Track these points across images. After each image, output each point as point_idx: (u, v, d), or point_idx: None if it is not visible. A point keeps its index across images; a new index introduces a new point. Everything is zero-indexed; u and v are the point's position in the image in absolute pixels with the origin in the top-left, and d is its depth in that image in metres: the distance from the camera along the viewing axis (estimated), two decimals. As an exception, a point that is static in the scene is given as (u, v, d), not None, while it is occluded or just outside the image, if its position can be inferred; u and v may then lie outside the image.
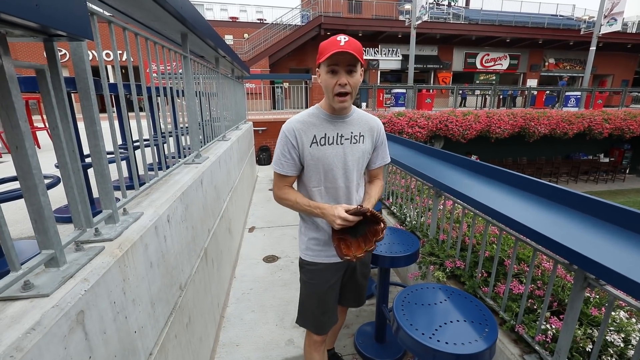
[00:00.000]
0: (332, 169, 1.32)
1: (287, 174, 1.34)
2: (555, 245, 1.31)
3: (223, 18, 17.37)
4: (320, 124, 1.30)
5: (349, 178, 1.36)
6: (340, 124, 1.32)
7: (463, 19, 17.50)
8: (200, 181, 2.01)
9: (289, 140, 1.30)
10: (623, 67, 21.18)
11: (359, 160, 1.37)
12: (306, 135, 1.29)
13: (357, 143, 1.34)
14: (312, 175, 1.34)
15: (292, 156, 1.31)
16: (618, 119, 11.02)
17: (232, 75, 4.72)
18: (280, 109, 14.74)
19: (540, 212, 1.58)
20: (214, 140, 3.07)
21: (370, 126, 1.39)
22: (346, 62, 1.16)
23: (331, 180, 1.34)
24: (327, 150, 1.30)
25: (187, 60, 2.17)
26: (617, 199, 11.51)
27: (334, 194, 1.36)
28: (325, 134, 1.30)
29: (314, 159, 1.30)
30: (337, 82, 1.18)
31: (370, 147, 1.40)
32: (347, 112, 1.32)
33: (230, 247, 3.04)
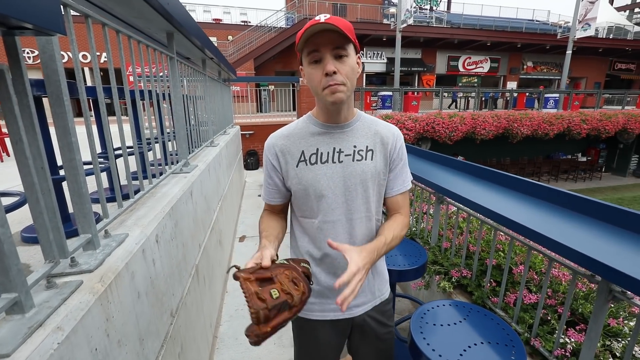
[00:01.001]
0: (327, 196, 0.97)
1: (270, 202, 1.06)
2: (575, 255, 1.23)
3: (206, 20, 17.04)
4: (310, 137, 0.98)
5: (351, 208, 0.98)
6: (338, 135, 0.98)
7: (445, 23, 17.80)
8: (190, 192, 1.85)
9: (269, 161, 1.02)
10: (595, 70, 22.06)
11: (367, 183, 0.98)
12: (291, 152, 0.98)
13: (362, 160, 0.97)
14: (303, 203, 1.01)
15: (273, 181, 1.03)
16: (594, 119, 11.40)
17: (219, 77, 4.54)
18: (266, 112, 14.54)
19: (554, 219, 1.51)
20: (202, 146, 2.90)
21: (382, 136, 1.01)
22: (331, 43, 0.84)
23: (326, 210, 0.98)
24: (320, 170, 0.96)
25: (173, 61, 2.01)
26: (596, 196, 11.84)
27: (332, 230, 0.99)
28: (317, 149, 0.97)
29: (302, 182, 0.97)
30: (322, 72, 0.85)
31: (384, 166, 1.01)
32: (345, 115, 0.97)
33: (222, 260, 2.86)
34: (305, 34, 0.84)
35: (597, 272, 1.17)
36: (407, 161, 1.07)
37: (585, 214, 1.48)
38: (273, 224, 1.04)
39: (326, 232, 1.00)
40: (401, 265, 1.68)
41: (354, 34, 0.88)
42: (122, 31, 1.28)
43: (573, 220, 1.47)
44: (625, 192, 12.46)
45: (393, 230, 0.98)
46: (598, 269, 1.15)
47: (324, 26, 0.82)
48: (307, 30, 0.83)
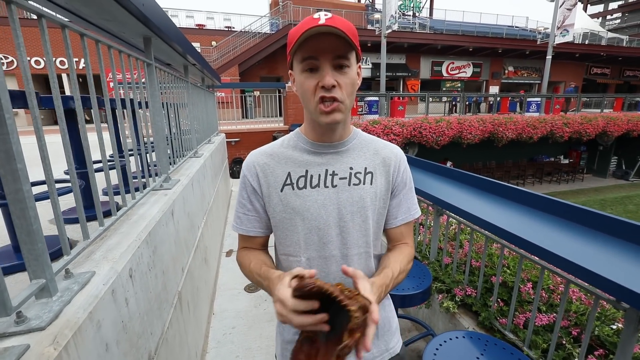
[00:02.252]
0: (318, 227, 0.81)
1: (249, 232, 0.87)
2: (599, 280, 1.12)
3: (189, 25, 16.75)
4: (299, 157, 0.83)
5: (347, 242, 0.82)
6: (331, 155, 0.83)
7: (428, 28, 18.08)
8: (171, 212, 1.67)
9: (248, 182, 0.85)
10: (573, 75, 22.85)
11: (366, 212, 0.82)
12: (274, 174, 0.83)
13: (360, 184, 0.83)
14: (287, 237, 0.83)
15: (253, 206, 0.86)
16: (576, 123, 11.70)
17: (202, 84, 4.36)
18: (251, 118, 14.32)
19: (569, 237, 1.41)
20: (185, 157, 2.72)
21: (384, 157, 0.86)
22: (332, 50, 0.70)
23: (317, 245, 0.82)
24: (309, 196, 0.81)
25: (151, 68, 1.84)
26: (579, 198, 12.18)
27: (324, 269, 0.83)
28: (306, 171, 0.82)
29: (288, 210, 0.81)
30: (317, 83, 0.72)
31: (386, 192, 0.86)
32: (341, 134, 0.83)
33: (208, 279, 2.67)
34: (301, 38, 0.69)
35: (625, 300, 1.06)
36: (412, 186, 0.92)
37: (604, 231, 1.39)
38: (262, 256, 0.88)
39: (318, 271, 0.79)
40: (404, 289, 1.55)
41: (357, 39, 0.74)
42: (88, 35, 1.11)
43: (590, 238, 1.37)
44: (607, 194, 12.80)
45: (400, 263, 0.84)
46: (626, 297, 1.05)
47: (325, 29, 0.68)
48: (304, 33, 0.69)
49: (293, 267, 0.77)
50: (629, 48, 22.11)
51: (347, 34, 0.69)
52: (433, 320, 2.16)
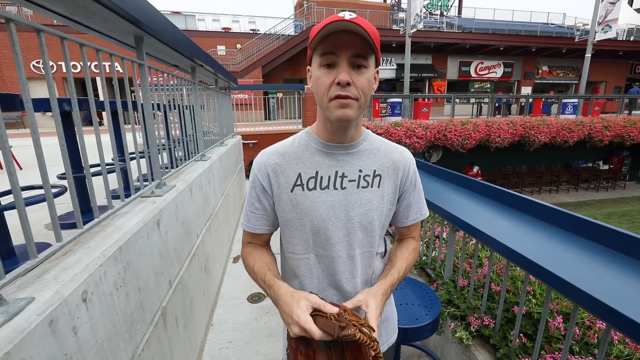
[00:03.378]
0: (326, 228, 0.83)
1: (256, 230, 0.91)
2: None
3: (215, 29, 17.12)
4: (309, 157, 0.85)
5: (353, 243, 0.85)
6: (342, 157, 0.85)
7: (456, 27, 17.43)
8: (155, 222, 1.56)
9: (258, 182, 0.87)
10: (615, 74, 21.25)
11: (373, 214, 0.84)
12: (285, 174, 0.84)
13: (368, 187, 0.84)
14: (295, 235, 0.86)
15: (262, 205, 0.88)
16: (618, 126, 10.80)
17: (215, 86, 4.31)
18: (273, 120, 14.37)
19: (617, 273, 1.16)
20: (189, 161, 2.63)
21: (394, 161, 0.88)
22: (351, 47, 0.71)
23: (324, 245, 0.84)
24: (319, 197, 0.83)
25: (143, 68, 1.75)
26: (621, 207, 11.21)
27: (330, 267, 0.86)
28: (316, 173, 0.84)
29: (297, 210, 0.83)
30: (334, 80, 0.72)
31: (393, 195, 0.88)
32: (352, 135, 0.84)
33: (208, 288, 2.57)
34: (322, 31, 0.70)
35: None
36: (421, 186, 0.96)
37: None
38: (267, 258, 0.91)
39: (324, 266, 0.87)
40: (410, 320, 1.34)
41: (379, 43, 0.75)
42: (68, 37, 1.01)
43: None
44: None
45: (406, 261, 0.93)
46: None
47: (348, 25, 0.69)
48: (326, 27, 0.69)
49: (300, 265, 0.88)
50: (681, 44, 20.26)
51: (369, 34, 0.69)
52: (445, 349, 1.93)
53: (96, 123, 1.26)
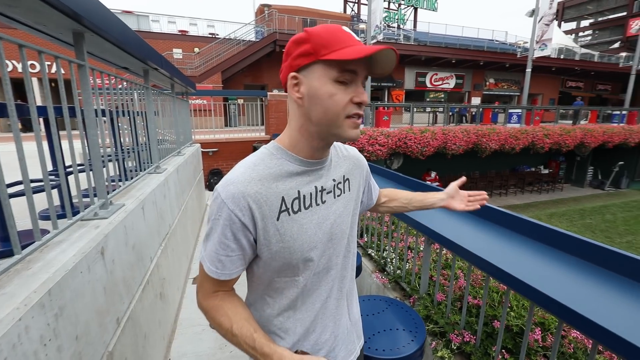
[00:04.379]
0: (316, 248, 0.77)
1: (232, 276, 0.75)
2: None
3: (172, 31, 16.31)
4: (288, 178, 0.75)
5: (335, 253, 0.83)
6: (318, 171, 0.79)
7: (413, 40, 18.28)
8: (99, 251, 1.31)
9: (235, 219, 0.70)
10: (550, 87, 23.59)
11: (349, 218, 0.86)
12: (269, 202, 0.71)
13: (342, 194, 0.84)
14: (282, 266, 0.75)
15: (239, 244, 0.72)
16: (555, 134, 11.89)
17: (172, 91, 4.00)
18: (234, 127, 13.92)
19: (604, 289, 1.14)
20: (141, 174, 2.35)
21: (355, 158, 0.93)
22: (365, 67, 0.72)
23: (313, 264, 0.78)
24: (305, 218, 0.76)
25: (84, 70, 1.50)
26: (560, 208, 12.31)
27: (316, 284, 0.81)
28: (298, 193, 0.75)
29: (286, 238, 0.73)
30: (351, 98, 0.70)
31: (358, 191, 0.92)
32: (328, 150, 0.82)
33: (164, 317, 2.29)
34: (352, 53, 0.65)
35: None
36: None
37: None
38: (244, 312, 0.77)
39: (310, 286, 0.80)
40: (394, 350, 1.23)
41: None
42: None
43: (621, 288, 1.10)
44: (585, 203, 13.02)
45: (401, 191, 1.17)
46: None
47: (389, 52, 0.68)
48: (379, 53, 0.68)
49: (286, 289, 0.78)
50: (600, 63, 23.06)
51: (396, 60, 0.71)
52: (425, 368, 1.86)
53: (16, 131, 1.01)
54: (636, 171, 15.18)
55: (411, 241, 2.42)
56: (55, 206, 1.23)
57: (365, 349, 1.23)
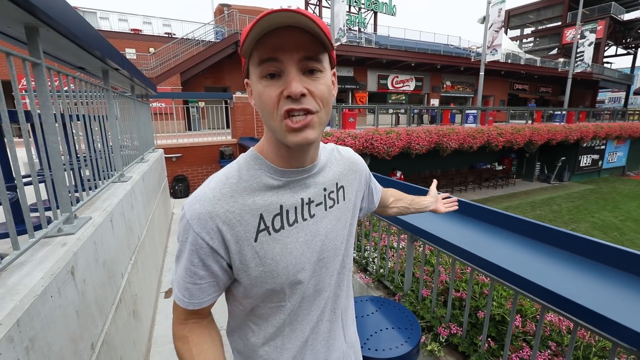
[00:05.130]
0: (304, 269, 0.67)
1: (202, 305, 0.67)
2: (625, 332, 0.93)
3: (123, 29, 15.35)
4: (267, 191, 0.65)
5: (327, 272, 0.72)
6: (303, 181, 0.68)
7: (374, 43, 18.77)
8: (69, 271, 1.18)
9: (202, 243, 0.61)
10: (500, 90, 25.38)
11: (343, 231, 0.75)
12: (243, 221, 0.62)
13: (335, 205, 0.73)
14: (265, 290, 0.66)
15: (209, 271, 0.64)
16: (508, 133, 12.80)
17: (132, 93, 3.75)
18: (196, 130, 13.39)
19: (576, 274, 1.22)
20: (106, 184, 2.16)
21: (350, 163, 0.81)
22: (299, 48, 0.54)
23: (302, 287, 0.68)
24: (290, 236, 0.66)
25: (39, 69, 1.34)
26: (514, 201, 13.26)
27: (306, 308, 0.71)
28: (280, 208, 0.65)
29: (267, 262, 0.64)
30: (282, 92, 0.56)
31: (356, 198, 0.81)
32: (313, 155, 0.69)
33: (138, 336, 2.12)
34: (255, 30, 0.52)
35: None
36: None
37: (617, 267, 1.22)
38: (208, 350, 0.67)
39: (299, 312, 0.70)
40: (392, 349, 1.23)
41: (332, 38, 0.60)
42: None
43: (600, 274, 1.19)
44: (535, 196, 14.14)
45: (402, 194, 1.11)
46: None
47: (291, 18, 0.51)
48: (261, 22, 0.51)
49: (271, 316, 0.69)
50: (541, 68, 25.20)
51: (320, 27, 0.54)
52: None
53: None
54: (576, 165, 16.79)
55: (391, 240, 2.46)
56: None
57: (364, 351, 1.22)
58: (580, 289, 1.16)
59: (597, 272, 1.22)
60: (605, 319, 0.97)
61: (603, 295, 1.11)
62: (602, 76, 27.93)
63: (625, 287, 1.13)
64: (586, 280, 1.23)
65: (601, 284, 1.16)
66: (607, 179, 17.77)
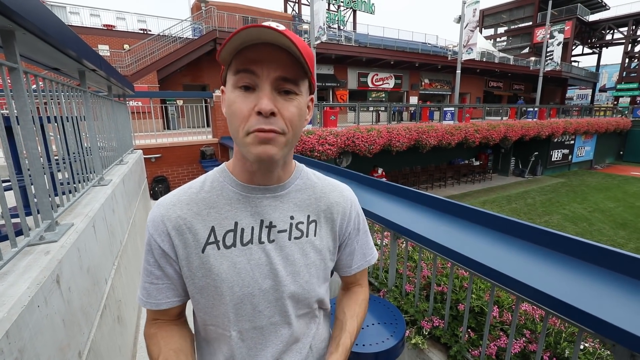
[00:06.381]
0: (252, 295, 0.65)
1: (160, 306, 0.68)
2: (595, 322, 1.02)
3: (95, 25, 14.73)
4: (225, 205, 0.66)
5: (287, 308, 0.67)
6: (268, 202, 0.67)
7: (354, 41, 18.90)
8: (54, 280, 1.16)
9: (155, 244, 0.65)
10: (476, 87, 26.16)
11: (310, 271, 0.69)
12: (193, 229, 0.64)
13: (302, 237, 0.69)
14: (213, 305, 0.65)
15: (164, 272, 0.66)
16: (484, 129, 13.25)
17: (109, 93, 3.65)
18: (175, 129, 13.08)
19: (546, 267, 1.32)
20: (86, 188, 2.11)
21: (331, 203, 0.73)
22: (277, 66, 0.55)
23: (250, 316, 0.66)
24: (240, 256, 0.65)
25: (16, 73, 1.31)
26: (490, 195, 13.75)
27: (259, 340, 0.67)
28: (235, 224, 0.65)
29: (212, 276, 0.64)
30: (253, 107, 0.56)
31: (333, 243, 0.74)
32: (280, 175, 0.68)
33: (124, 342, 2.09)
34: (235, 40, 0.53)
35: (623, 343, 0.96)
36: (367, 228, 0.83)
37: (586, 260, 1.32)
38: (179, 345, 0.69)
39: (251, 343, 0.67)
40: (378, 343, 1.29)
41: (313, 65, 0.61)
42: None
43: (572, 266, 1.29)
44: (510, 190, 14.71)
45: (357, 319, 0.80)
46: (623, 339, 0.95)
47: (273, 36, 0.53)
48: (241, 34, 0.53)
49: (221, 342, 0.68)
50: (514, 66, 26.17)
51: (301, 52, 0.54)
52: (399, 356, 1.97)
53: None
54: (548, 160, 17.58)
55: (375, 237, 2.53)
56: (-4, 233, 1.06)
57: (352, 347, 1.26)
58: (551, 280, 1.25)
59: (565, 263, 1.32)
60: (573, 307, 1.06)
61: (570, 286, 1.21)
62: (571, 74, 29.34)
63: (589, 277, 1.23)
64: (556, 272, 1.32)
65: (568, 275, 1.26)
66: (577, 173, 18.71)
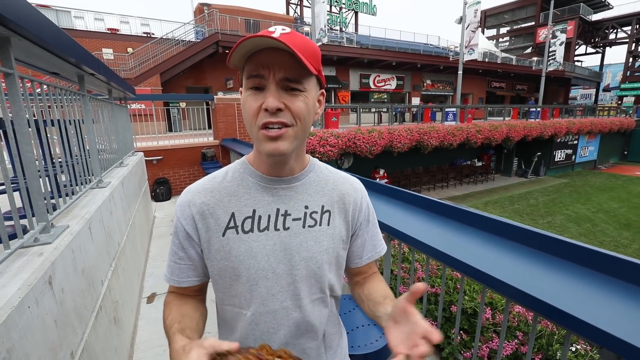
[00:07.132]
0: (266, 278, 0.69)
1: (181, 284, 0.74)
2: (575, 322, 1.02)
3: (99, 29, 14.89)
4: (245, 193, 0.72)
5: (300, 291, 0.71)
6: (284, 192, 0.72)
7: (355, 43, 18.94)
8: (46, 281, 1.19)
9: (181, 227, 0.72)
10: (478, 88, 26.08)
11: (322, 256, 0.72)
12: (215, 215, 0.70)
13: (316, 225, 0.73)
14: (228, 288, 0.72)
15: (187, 254, 0.72)
16: (486, 130, 13.20)
17: (109, 97, 3.69)
18: (177, 132, 13.17)
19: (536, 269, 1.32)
20: (83, 191, 2.14)
21: (343, 193, 0.77)
22: (281, 69, 0.60)
23: (264, 298, 0.70)
24: (257, 241, 0.69)
25: (12, 79, 1.33)
26: (493, 196, 13.69)
27: (273, 324, 0.71)
28: (253, 212, 0.70)
29: (231, 258, 0.69)
30: (261, 104, 0.62)
31: (345, 232, 0.77)
32: (292, 167, 0.73)
33: (120, 343, 2.11)
34: (241, 48, 0.59)
35: (608, 347, 0.96)
36: (376, 220, 0.86)
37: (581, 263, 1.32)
38: (187, 311, 0.73)
39: (264, 327, 0.71)
40: (368, 345, 1.30)
41: (319, 62, 0.66)
42: None
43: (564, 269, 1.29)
44: (513, 191, 14.64)
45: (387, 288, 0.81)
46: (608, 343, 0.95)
47: (273, 43, 0.58)
48: (247, 42, 0.58)
49: (237, 322, 0.73)
50: (517, 66, 26.07)
51: (299, 55, 0.58)
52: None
53: None
54: (551, 160, 17.48)
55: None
56: (-11, 235, 1.09)
57: (341, 348, 1.27)
58: (539, 283, 1.25)
59: (555, 266, 1.32)
60: (559, 310, 1.06)
61: (558, 288, 1.21)
62: (574, 74, 29.16)
63: (578, 280, 1.23)
64: (545, 274, 1.32)
65: (557, 277, 1.26)
66: (580, 173, 18.59)
